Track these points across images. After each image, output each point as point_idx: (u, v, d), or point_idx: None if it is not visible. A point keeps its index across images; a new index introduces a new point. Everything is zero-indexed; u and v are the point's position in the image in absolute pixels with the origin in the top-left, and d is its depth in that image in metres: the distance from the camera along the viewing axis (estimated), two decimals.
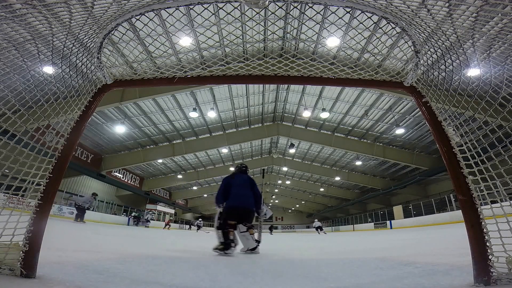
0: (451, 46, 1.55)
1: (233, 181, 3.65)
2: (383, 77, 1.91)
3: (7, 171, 1.41)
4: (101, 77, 1.89)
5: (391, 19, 1.55)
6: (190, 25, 7.74)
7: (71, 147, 1.62)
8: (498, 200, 1.40)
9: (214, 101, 14.68)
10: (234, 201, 3.44)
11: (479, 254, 1.29)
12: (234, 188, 3.53)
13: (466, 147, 1.50)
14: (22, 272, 1.31)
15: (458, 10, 1.30)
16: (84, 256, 2.34)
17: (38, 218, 1.41)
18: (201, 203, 38.52)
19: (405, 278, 1.55)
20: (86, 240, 4.44)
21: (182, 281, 1.55)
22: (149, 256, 2.71)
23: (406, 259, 2.36)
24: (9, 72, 1.53)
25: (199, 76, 1.94)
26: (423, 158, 18.94)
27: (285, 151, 23.78)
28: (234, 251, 3.09)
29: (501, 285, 1.24)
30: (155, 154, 18.86)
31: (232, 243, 3.09)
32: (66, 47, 1.64)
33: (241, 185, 3.61)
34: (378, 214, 26.26)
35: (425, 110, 1.70)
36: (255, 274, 1.83)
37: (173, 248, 3.89)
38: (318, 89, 14.09)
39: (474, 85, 1.54)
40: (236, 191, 3.51)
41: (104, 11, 1.50)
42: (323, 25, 7.58)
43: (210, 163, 24.64)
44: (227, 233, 3.14)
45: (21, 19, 1.33)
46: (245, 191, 3.57)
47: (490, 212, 1.36)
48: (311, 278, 1.69)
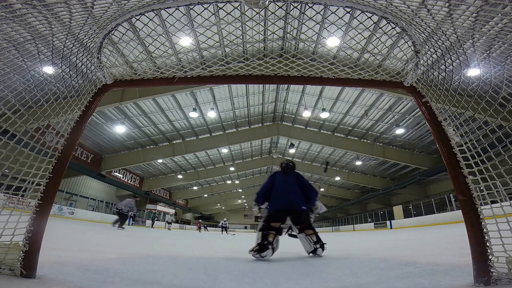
0: (451, 46, 1.55)
1: (275, 179, 3.26)
2: (383, 77, 1.91)
3: (7, 171, 1.41)
4: (101, 77, 1.89)
5: (391, 19, 1.55)
6: (190, 25, 7.73)
7: (71, 147, 1.62)
8: (498, 200, 1.40)
9: (214, 101, 14.69)
10: (275, 204, 3.08)
11: (479, 254, 1.29)
12: (276, 188, 3.17)
13: (466, 147, 1.49)
14: (22, 272, 1.31)
15: (458, 10, 1.30)
16: (84, 256, 2.34)
17: (38, 218, 1.41)
18: (201, 203, 38.53)
19: (405, 278, 1.55)
20: (86, 240, 4.44)
21: (182, 281, 1.55)
22: (149, 256, 2.71)
23: (406, 259, 2.36)
24: (9, 72, 1.53)
25: (199, 76, 1.94)
26: (423, 158, 18.95)
27: (285, 151, 23.78)
28: (270, 255, 2.79)
29: (501, 285, 1.24)
30: (155, 154, 18.87)
31: (270, 245, 2.79)
32: (66, 47, 1.64)
33: (284, 183, 3.19)
34: (378, 214, 26.25)
35: (425, 110, 1.70)
36: (255, 274, 1.83)
37: (174, 248, 3.89)
38: (318, 89, 14.10)
39: (474, 85, 1.54)
40: (277, 191, 3.14)
41: (104, 11, 1.50)
42: (323, 25, 7.59)
43: (210, 163, 24.65)
44: (266, 235, 2.87)
45: (21, 19, 1.33)
46: (289, 189, 3.14)
47: (490, 212, 1.36)
48: (311, 278, 1.69)
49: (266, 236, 2.85)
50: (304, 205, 3.08)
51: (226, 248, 4.73)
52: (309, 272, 1.90)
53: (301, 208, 3.04)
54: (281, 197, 3.08)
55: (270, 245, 2.80)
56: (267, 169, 30.41)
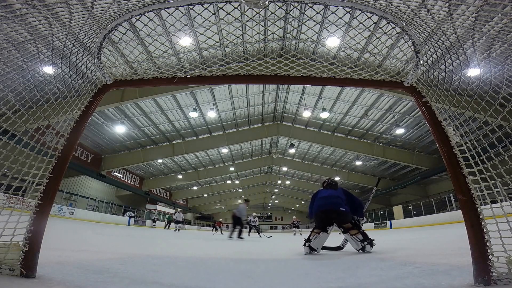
0: (451, 46, 1.55)
1: (317, 194, 3.66)
2: (383, 77, 1.91)
3: (7, 171, 1.41)
4: (101, 77, 1.89)
5: (391, 19, 1.55)
6: (190, 25, 7.73)
7: (71, 147, 1.62)
8: (498, 200, 1.40)
9: (214, 101, 14.68)
10: (314, 210, 3.48)
11: (479, 254, 1.29)
12: (317, 200, 3.55)
13: (466, 147, 1.49)
14: (22, 272, 1.31)
15: (458, 10, 1.30)
16: (84, 256, 2.34)
17: (38, 218, 1.41)
18: (201, 203, 38.51)
19: (405, 278, 1.55)
20: (86, 240, 4.44)
21: (182, 281, 1.55)
22: (149, 256, 2.71)
23: (406, 259, 2.36)
24: (9, 72, 1.53)
25: (199, 76, 1.94)
26: (423, 158, 18.94)
27: (285, 151, 23.77)
28: (309, 252, 3.13)
29: (501, 285, 1.24)
30: (155, 154, 18.85)
31: (307, 242, 3.16)
32: (66, 47, 1.64)
33: (324, 195, 3.55)
34: (378, 214, 26.24)
35: (425, 110, 1.70)
36: (255, 274, 1.83)
37: (175, 248, 3.88)
38: (318, 89, 14.09)
39: (474, 85, 1.54)
40: (319, 198, 3.53)
41: (104, 11, 1.50)
42: (323, 25, 7.58)
43: (210, 163, 24.64)
44: (310, 233, 3.28)
45: (21, 19, 1.33)
46: (327, 194, 3.50)
47: (490, 212, 1.36)
48: (311, 278, 1.69)
49: (309, 235, 3.25)
50: (344, 207, 3.30)
51: (230, 250, 4.73)
52: (309, 272, 1.90)
53: (339, 208, 3.28)
54: (321, 201, 3.43)
55: (309, 241, 3.17)
56: (267, 169, 30.42)
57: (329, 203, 3.36)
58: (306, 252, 3.13)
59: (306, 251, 3.14)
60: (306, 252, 3.13)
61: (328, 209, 3.33)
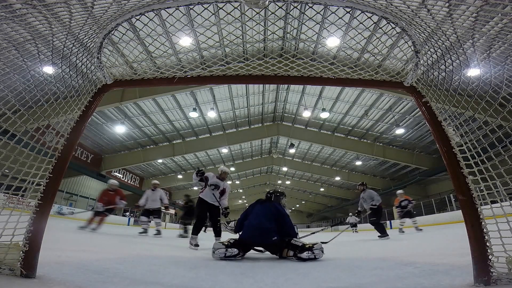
0: (451, 46, 1.55)
1: (253, 209, 3.19)
2: (383, 77, 1.91)
3: (7, 171, 1.41)
4: (101, 77, 1.89)
5: (391, 19, 1.55)
6: (190, 25, 7.73)
7: (71, 147, 1.62)
8: (498, 200, 1.40)
9: (214, 101, 14.68)
10: (245, 234, 3.01)
11: (479, 254, 1.29)
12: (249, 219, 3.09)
13: (466, 147, 1.50)
14: (22, 272, 1.31)
15: (458, 10, 1.30)
16: (84, 256, 2.34)
17: (38, 218, 1.41)
18: None
19: (405, 278, 1.55)
20: (86, 240, 4.44)
21: (182, 281, 1.55)
22: (149, 256, 2.71)
23: (406, 259, 2.36)
24: (9, 72, 1.53)
25: (199, 76, 1.94)
26: (423, 158, 18.94)
27: (285, 151, 23.77)
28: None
29: (501, 285, 1.24)
30: (155, 154, 18.85)
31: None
32: (66, 47, 1.64)
33: (255, 222, 3.01)
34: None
35: (425, 110, 1.70)
36: (255, 274, 1.83)
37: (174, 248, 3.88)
38: (318, 89, 14.09)
39: (474, 85, 1.54)
40: (250, 221, 3.07)
41: (104, 11, 1.50)
42: (323, 25, 7.58)
43: (210, 163, 24.63)
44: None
45: (21, 19, 1.33)
46: (258, 221, 2.97)
47: (490, 212, 1.36)
48: (311, 278, 1.69)
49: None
50: (275, 235, 2.85)
51: None
52: (309, 272, 1.90)
53: (272, 240, 2.84)
54: (252, 230, 2.93)
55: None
56: (267, 169, 30.41)
57: (258, 235, 2.88)
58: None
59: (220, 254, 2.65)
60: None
61: (259, 242, 2.93)
